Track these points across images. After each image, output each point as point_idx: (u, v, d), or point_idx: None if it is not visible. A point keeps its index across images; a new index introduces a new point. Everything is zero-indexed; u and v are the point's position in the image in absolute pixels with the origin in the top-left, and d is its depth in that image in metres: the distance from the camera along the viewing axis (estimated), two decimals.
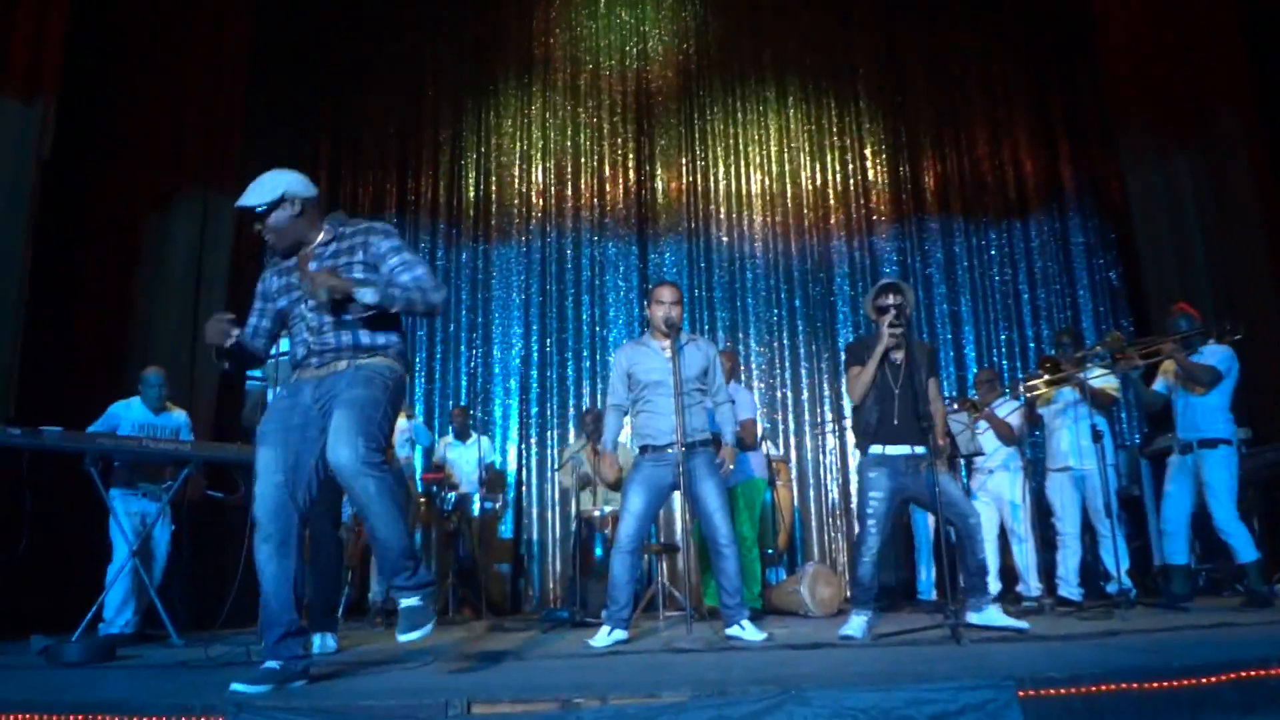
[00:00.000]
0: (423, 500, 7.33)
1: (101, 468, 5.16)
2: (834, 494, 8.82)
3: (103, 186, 7.37)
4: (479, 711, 2.56)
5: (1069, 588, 5.98)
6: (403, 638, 3.15)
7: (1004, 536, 6.33)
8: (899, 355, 4.46)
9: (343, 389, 3.17)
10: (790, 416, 8.97)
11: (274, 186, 3.41)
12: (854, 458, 8.79)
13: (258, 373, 4.59)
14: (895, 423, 4.39)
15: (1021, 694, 2.49)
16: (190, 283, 7.96)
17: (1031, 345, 9.01)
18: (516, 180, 9.64)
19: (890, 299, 4.46)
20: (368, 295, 3.14)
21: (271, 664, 3.08)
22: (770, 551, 6.88)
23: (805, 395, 9.05)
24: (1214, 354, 5.62)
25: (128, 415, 5.63)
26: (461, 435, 7.81)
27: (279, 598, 3.13)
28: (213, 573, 5.92)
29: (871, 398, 4.43)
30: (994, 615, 4.36)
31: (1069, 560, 6.03)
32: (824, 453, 8.94)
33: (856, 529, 8.42)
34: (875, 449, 4.43)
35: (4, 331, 6.03)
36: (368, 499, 3.05)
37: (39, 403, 5.89)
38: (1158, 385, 5.91)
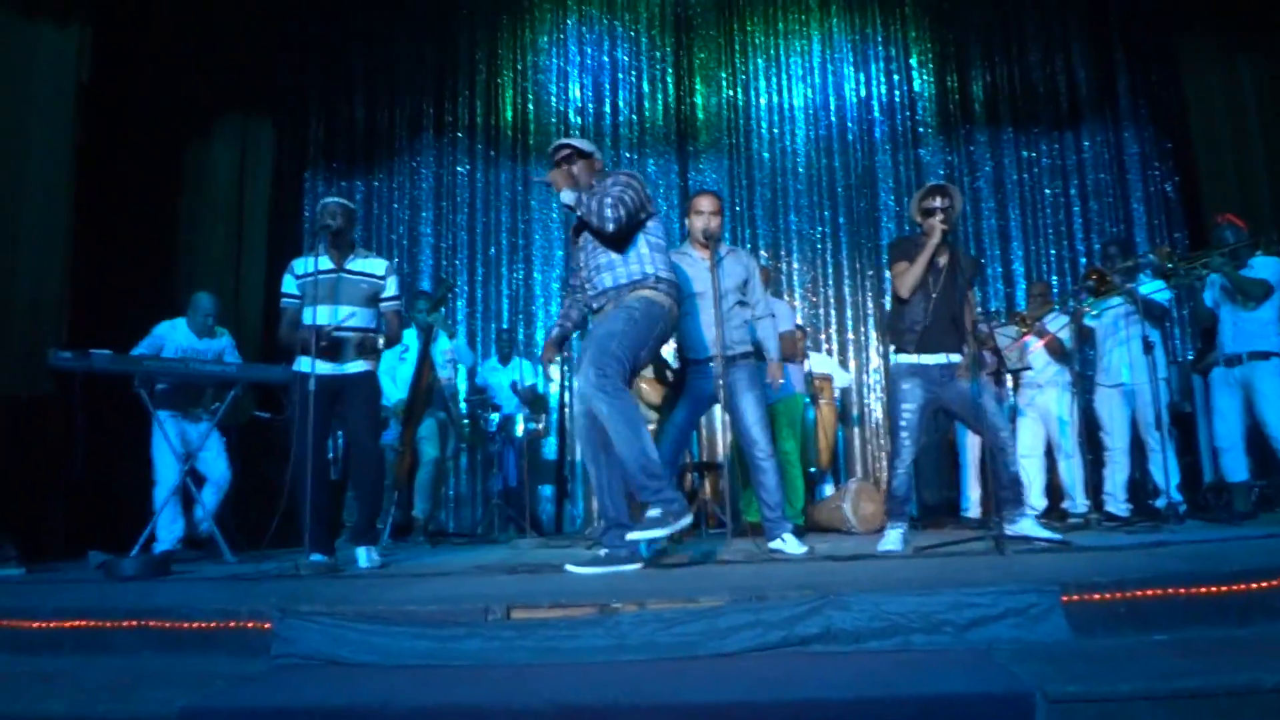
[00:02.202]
0: (467, 421, 7.39)
1: (150, 389, 5.24)
2: (877, 411, 8.75)
3: (143, 112, 7.37)
4: (518, 616, 2.59)
5: (1116, 503, 5.90)
6: (629, 536, 3.62)
7: (1050, 453, 6.24)
8: (943, 259, 4.34)
9: (598, 324, 3.82)
10: (834, 334, 8.87)
11: (590, 144, 4.16)
12: None
13: (294, 290, 4.60)
14: (932, 329, 4.27)
15: (1065, 599, 2.46)
16: (233, 206, 8.02)
17: (1083, 260, 8.75)
18: (554, 98, 9.49)
19: (937, 201, 4.32)
20: (565, 194, 3.92)
21: (601, 551, 3.78)
22: (813, 470, 6.86)
23: (849, 313, 8.93)
24: (1264, 266, 5.43)
25: (172, 337, 5.69)
26: (503, 359, 7.85)
27: (601, 493, 3.92)
28: (260, 492, 6.05)
29: (916, 299, 4.31)
30: (1029, 527, 4.28)
31: (1117, 476, 5.94)
32: (868, 370, 8.84)
33: None
34: (909, 358, 4.34)
35: (53, 258, 6.11)
36: (602, 419, 3.61)
37: (89, 328, 5.98)
38: (1205, 297, 5.74)
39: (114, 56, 6.87)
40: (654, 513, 3.55)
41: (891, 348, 4.52)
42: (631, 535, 3.55)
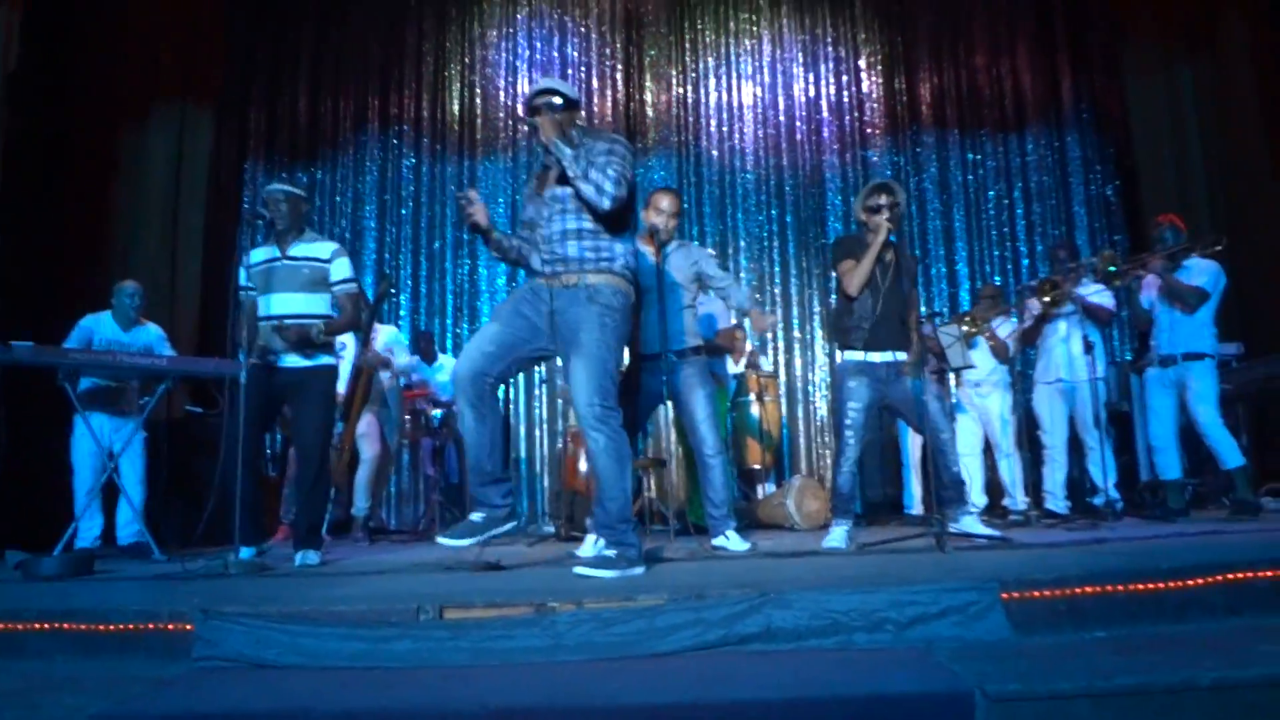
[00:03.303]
0: (408, 417, 7.26)
1: (74, 384, 5.05)
2: (821, 409, 8.78)
3: (77, 98, 7.14)
4: (451, 616, 2.51)
5: (1055, 501, 5.97)
6: (578, 570, 3.24)
7: (990, 452, 6.30)
8: (888, 256, 4.34)
9: (577, 323, 3.36)
10: (780, 331, 8.88)
11: (573, 89, 3.67)
12: None
13: (246, 281, 4.45)
14: (881, 326, 4.27)
15: (1005, 596, 2.45)
16: (169, 199, 7.83)
17: (1025, 261, 8.89)
18: (502, 93, 9.39)
19: (883, 199, 4.32)
20: (560, 146, 3.38)
21: (475, 517, 3.44)
22: (757, 467, 6.85)
23: (795, 311, 8.95)
24: (1200, 270, 5.50)
25: (98, 330, 5.50)
26: (427, 359, 7.67)
27: (475, 446, 3.45)
28: (192, 489, 5.87)
29: (864, 296, 4.30)
30: (970, 524, 4.31)
31: (1055, 474, 6.02)
32: (813, 368, 8.87)
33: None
34: (856, 355, 4.33)
35: None
36: (595, 450, 3.35)
37: (19, 319, 5.75)
38: (1141, 299, 5.82)
39: (44, 43, 6.64)
40: (610, 553, 3.36)
41: (836, 346, 4.51)
42: (579, 570, 3.24)
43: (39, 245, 6.52)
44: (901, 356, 4.30)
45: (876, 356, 4.29)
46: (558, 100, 3.55)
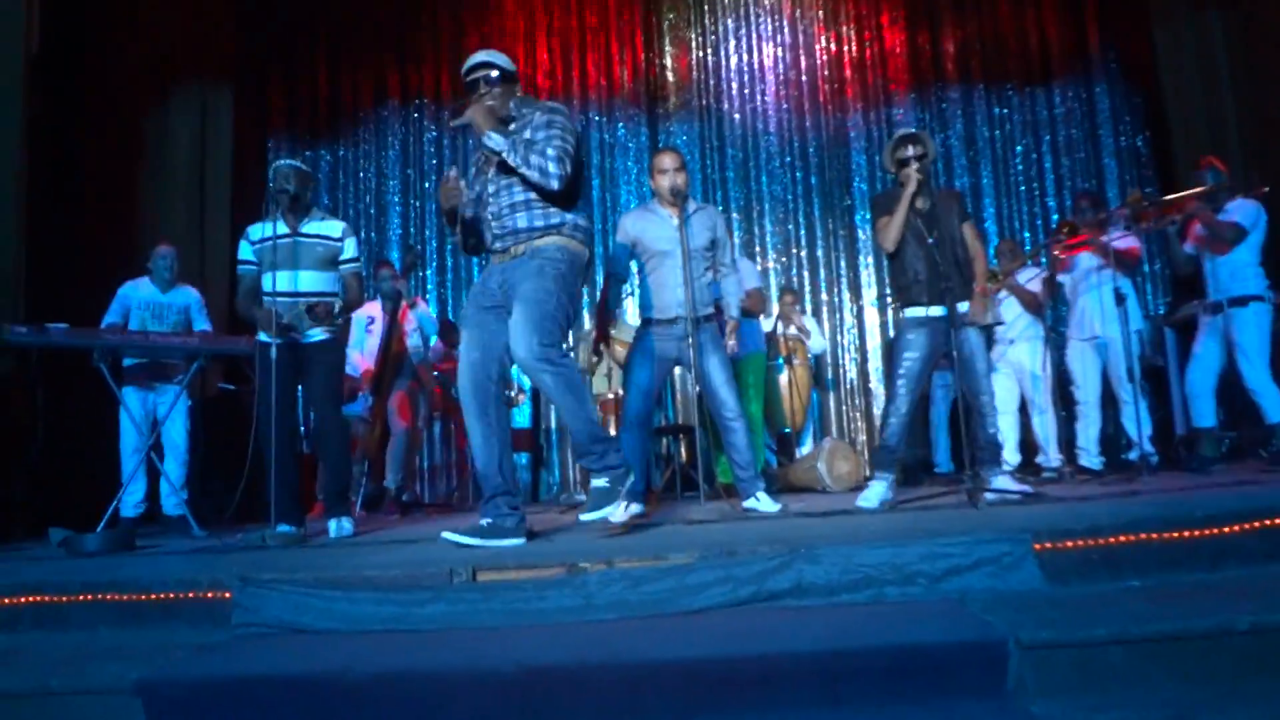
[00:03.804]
0: (438, 390, 7.30)
1: (111, 363, 5.13)
2: (851, 373, 8.74)
3: (99, 82, 7.18)
4: (484, 578, 2.54)
5: (1089, 457, 5.91)
6: (583, 517, 3.32)
7: (1024, 409, 6.24)
8: (925, 205, 4.26)
9: (519, 280, 3.36)
10: (807, 294, 8.82)
11: (510, 62, 3.61)
12: (871, 337, 8.70)
13: (251, 256, 4.50)
14: (937, 276, 4.13)
15: (1038, 546, 2.44)
16: (194, 178, 7.86)
17: (1055, 216, 8.73)
18: (521, 61, 9.30)
19: (910, 149, 4.24)
20: (494, 139, 3.38)
21: (483, 520, 3.36)
22: (787, 430, 6.84)
23: (822, 274, 8.88)
24: (1240, 209, 5.40)
25: (136, 294, 5.63)
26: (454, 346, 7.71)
27: (483, 462, 3.44)
28: (228, 465, 5.95)
29: (910, 249, 4.24)
30: (1004, 482, 4.26)
31: (1089, 430, 5.95)
32: (842, 331, 8.82)
33: (872, 405, 8.46)
34: (917, 311, 4.24)
35: (7, 232, 5.94)
36: (547, 391, 3.32)
37: (49, 302, 5.84)
38: (1186, 247, 5.72)
39: (66, 24, 6.68)
40: (600, 483, 3.35)
41: (899, 304, 4.42)
42: (585, 516, 3.29)
43: (68, 228, 6.59)
44: (962, 307, 4.21)
45: (938, 310, 4.18)
46: (494, 73, 3.54)
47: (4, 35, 6.06)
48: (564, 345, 3.44)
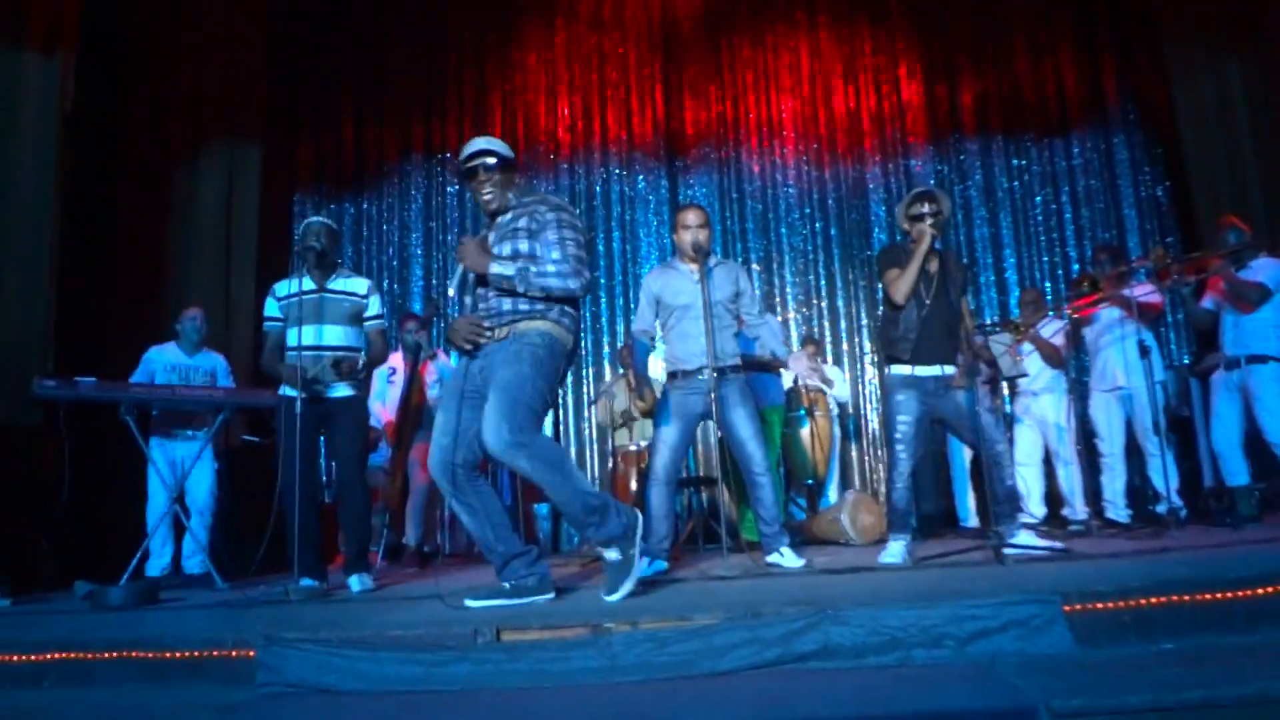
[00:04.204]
0: None
1: (138, 416, 5.19)
2: (874, 423, 8.70)
3: (129, 140, 7.36)
4: (508, 638, 2.53)
5: (1116, 510, 5.84)
6: (607, 598, 3.12)
7: (1049, 460, 6.19)
8: (933, 266, 4.28)
9: (496, 365, 3.30)
10: (828, 345, 8.83)
11: (509, 150, 3.54)
12: None
13: (277, 313, 4.57)
14: (926, 338, 4.19)
15: (1067, 608, 2.41)
16: (221, 230, 7.98)
17: (1075, 266, 8.73)
18: (542, 116, 9.48)
19: (926, 207, 4.27)
20: (495, 270, 3.31)
21: (504, 584, 3.34)
22: (810, 482, 6.80)
23: (843, 324, 8.89)
24: (1264, 268, 5.39)
25: (161, 358, 5.70)
26: None
27: (480, 539, 3.40)
28: (251, 517, 5.97)
29: (910, 306, 4.24)
30: (1028, 538, 4.23)
31: (1115, 482, 5.88)
32: (863, 381, 8.80)
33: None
34: (904, 369, 4.26)
35: (37, 287, 6.05)
36: (526, 475, 3.21)
37: (78, 356, 5.93)
38: (1206, 302, 5.70)
39: (98, 83, 6.86)
40: (612, 555, 3.21)
41: (883, 358, 4.45)
42: (609, 598, 3.09)
43: (97, 283, 6.71)
44: (950, 370, 4.24)
45: (924, 370, 4.23)
46: (492, 160, 3.47)
47: (41, 93, 6.22)
48: (537, 425, 3.29)
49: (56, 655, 2.76)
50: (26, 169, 6.10)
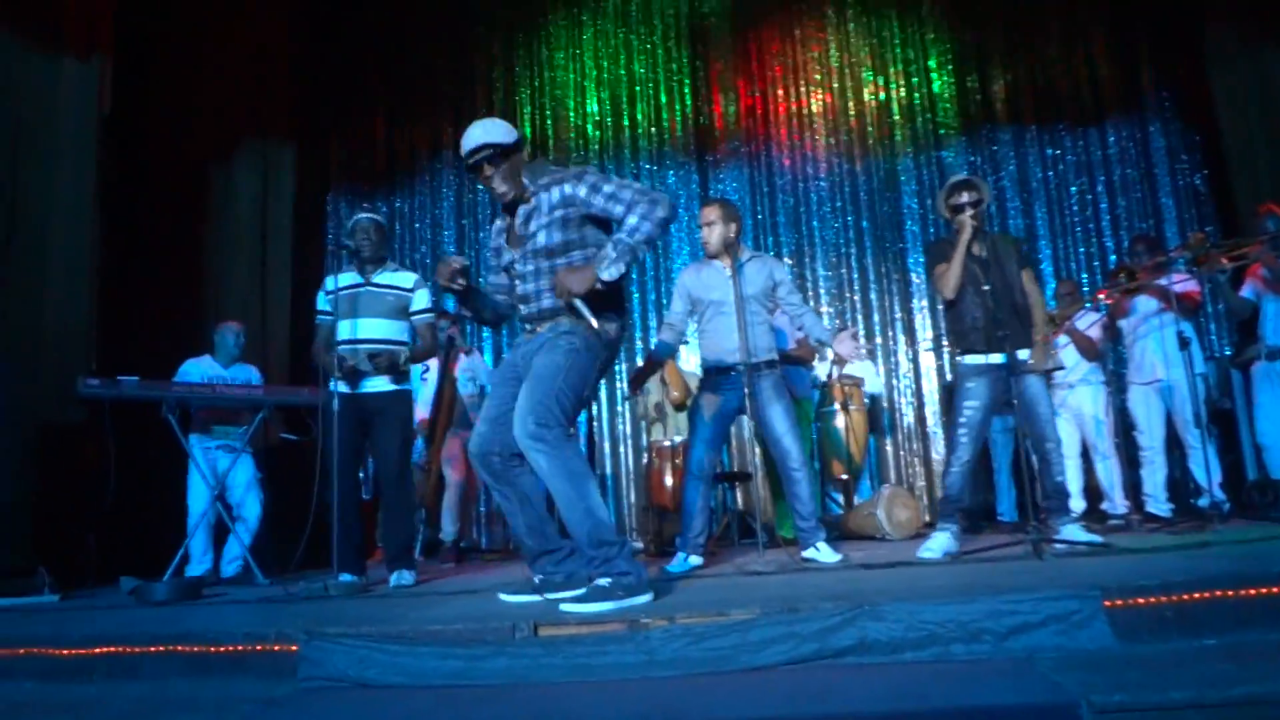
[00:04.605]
0: None
1: (179, 416, 5.27)
2: (909, 417, 8.64)
3: (164, 142, 7.45)
4: (546, 634, 2.55)
5: (1157, 504, 5.77)
6: (565, 607, 2.82)
7: (1087, 454, 6.12)
8: (983, 252, 4.22)
9: (534, 354, 3.25)
10: (861, 339, 8.77)
11: (508, 131, 3.31)
12: (928, 380, 8.61)
13: (327, 306, 4.60)
14: (994, 324, 4.10)
15: (1108, 604, 2.38)
16: (257, 230, 8.08)
17: (1112, 257, 8.60)
18: (571, 113, 9.50)
19: (965, 196, 4.23)
20: (610, 273, 3.09)
21: (536, 578, 3.34)
22: (845, 477, 6.77)
23: (875, 317, 8.83)
24: None
25: (197, 369, 5.78)
26: None
27: (514, 526, 3.40)
28: (291, 514, 6.05)
29: (968, 296, 4.20)
30: (1072, 532, 4.18)
31: (1155, 475, 5.81)
32: (897, 375, 8.74)
33: (931, 450, 8.34)
34: (976, 359, 4.21)
35: (80, 287, 6.17)
36: (540, 474, 3.11)
37: (118, 355, 6.03)
38: (1245, 291, 5.61)
39: (135, 86, 6.96)
40: (603, 582, 2.95)
41: (958, 351, 4.38)
42: (566, 608, 2.81)
43: (136, 283, 6.81)
44: (1023, 354, 4.17)
45: (997, 357, 4.14)
46: (491, 153, 3.30)
47: (79, 98, 6.33)
48: (569, 429, 3.18)
49: (104, 650, 2.81)
50: (66, 173, 6.21)
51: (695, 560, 4.39)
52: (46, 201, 6.07)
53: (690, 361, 6.78)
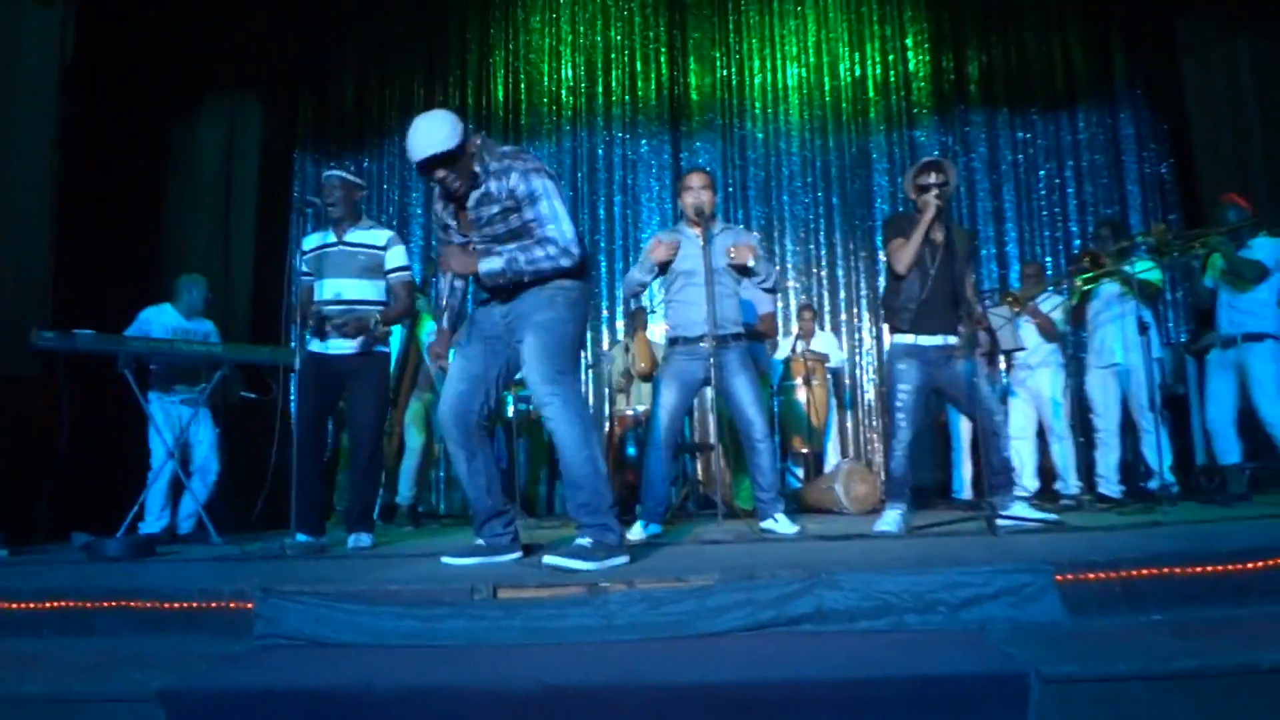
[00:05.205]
0: None
1: (136, 370, 5.17)
2: (869, 393, 8.72)
3: (128, 93, 7.27)
4: (505, 596, 2.55)
5: (1109, 485, 5.88)
6: (546, 559, 2.94)
7: (1042, 435, 6.22)
8: (938, 236, 4.27)
9: (530, 309, 3.23)
10: (827, 314, 8.83)
11: (453, 131, 3.14)
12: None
13: (305, 267, 4.49)
14: (929, 308, 4.19)
15: (1059, 578, 2.43)
16: (221, 187, 7.97)
17: (1076, 241, 8.73)
18: (545, 78, 9.43)
19: (932, 177, 4.25)
20: (486, 273, 3.21)
21: (479, 541, 3.39)
22: (804, 451, 6.83)
23: (842, 294, 8.90)
24: (1264, 247, 5.41)
25: (159, 319, 5.65)
26: None
27: (472, 487, 3.41)
28: (249, 473, 5.99)
29: (913, 275, 4.24)
30: (1021, 509, 4.24)
31: (1108, 457, 5.92)
32: (860, 351, 8.81)
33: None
34: (906, 338, 4.26)
35: (38, 239, 6.04)
36: (549, 422, 3.16)
37: (76, 311, 5.90)
38: (1205, 279, 5.71)
39: (99, 35, 6.78)
40: (583, 541, 3.00)
41: (886, 327, 4.45)
42: (548, 559, 2.92)
43: (94, 235, 6.67)
44: (951, 340, 4.24)
45: (926, 340, 4.23)
46: (445, 166, 3.16)
47: (40, 44, 6.17)
48: (577, 378, 3.27)
49: (56, 604, 2.77)
50: (25, 121, 6.06)
51: (655, 528, 4.41)
52: (4, 150, 5.92)
53: (657, 333, 6.77)
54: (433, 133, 3.12)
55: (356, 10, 9.42)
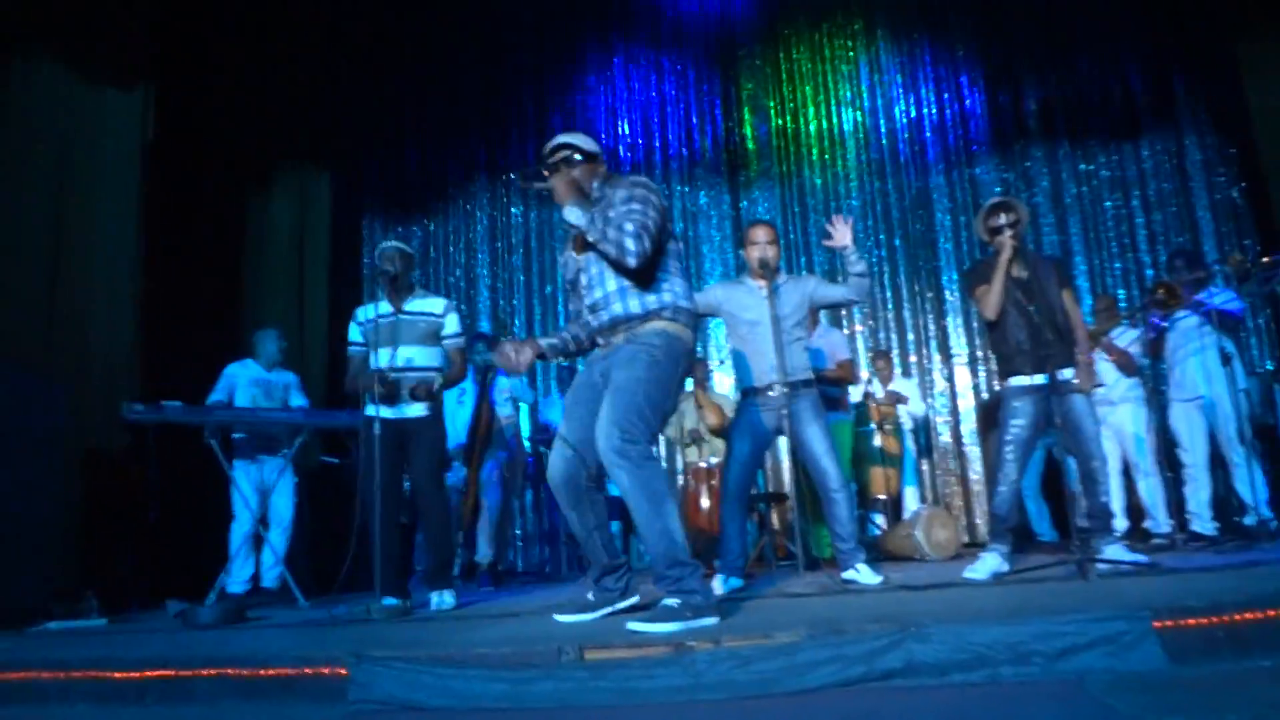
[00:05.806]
0: (531, 459, 7.39)
1: (221, 440, 5.35)
2: (945, 436, 8.59)
3: (205, 167, 7.60)
4: (592, 657, 2.56)
5: (1201, 522, 5.68)
6: (631, 625, 2.83)
7: (1128, 473, 6.05)
8: (1023, 274, 4.22)
9: (613, 368, 3.23)
10: (895, 358, 8.74)
11: (590, 142, 3.52)
12: (964, 399, 8.55)
13: (358, 337, 4.68)
14: (1035, 345, 4.11)
15: (1158, 625, 2.36)
16: (294, 256, 8.24)
17: (1149, 271, 8.53)
18: (603, 135, 9.59)
19: (1003, 218, 4.24)
20: (573, 213, 3.28)
21: (590, 596, 3.42)
22: (882, 497, 6.73)
23: (910, 336, 8.81)
24: None
25: (244, 373, 5.90)
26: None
27: (586, 544, 3.47)
28: (330, 536, 6.11)
29: (1011, 318, 4.20)
30: (1116, 551, 4.13)
31: (1199, 493, 5.72)
32: (931, 394, 8.69)
33: (968, 470, 8.27)
34: (1021, 380, 4.20)
35: (124, 313, 6.30)
36: (621, 491, 3.09)
37: (161, 380, 6.13)
38: None
39: (176, 115, 7.12)
40: (671, 602, 2.93)
41: (1002, 374, 4.37)
42: (634, 626, 2.81)
43: (178, 309, 6.93)
44: (1067, 374, 4.15)
45: (1041, 378, 4.15)
46: (577, 156, 3.44)
47: (122, 127, 6.49)
48: (651, 446, 3.16)
49: (157, 673, 2.85)
50: (111, 201, 6.37)
51: (735, 582, 4.39)
52: (91, 229, 6.22)
53: (724, 384, 6.79)
54: (574, 134, 3.53)
55: (416, 79, 9.72)
